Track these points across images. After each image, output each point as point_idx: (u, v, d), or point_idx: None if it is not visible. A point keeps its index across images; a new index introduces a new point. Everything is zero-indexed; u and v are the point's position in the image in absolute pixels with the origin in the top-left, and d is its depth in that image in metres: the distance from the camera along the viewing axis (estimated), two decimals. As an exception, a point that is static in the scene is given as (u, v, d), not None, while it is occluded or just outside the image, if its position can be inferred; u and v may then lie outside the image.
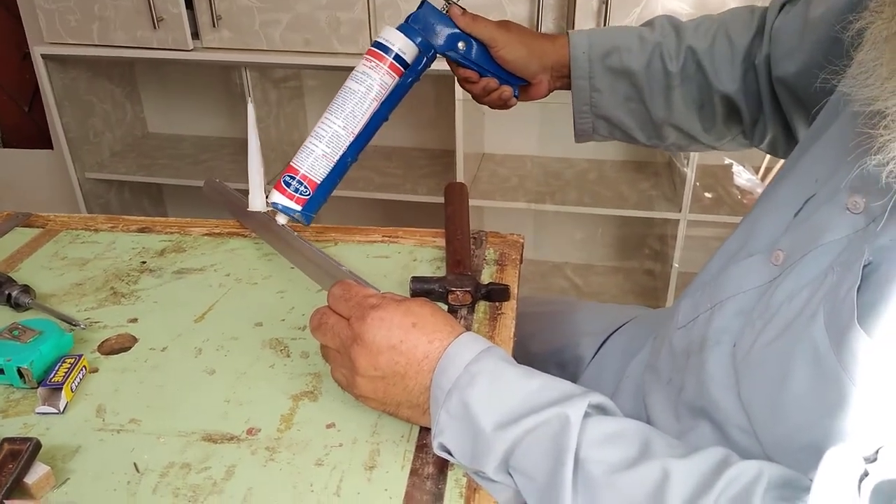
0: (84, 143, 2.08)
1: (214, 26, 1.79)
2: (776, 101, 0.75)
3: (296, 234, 0.80)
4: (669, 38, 0.78)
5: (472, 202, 0.89)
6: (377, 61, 0.75)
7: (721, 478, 0.41)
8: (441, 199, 0.90)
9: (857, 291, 0.42)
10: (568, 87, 0.82)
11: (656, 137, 0.83)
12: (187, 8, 1.78)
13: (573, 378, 0.81)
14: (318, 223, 0.92)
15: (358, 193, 1.95)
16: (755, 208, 0.61)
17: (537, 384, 0.49)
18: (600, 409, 0.49)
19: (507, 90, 0.81)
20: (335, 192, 0.78)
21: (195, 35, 1.83)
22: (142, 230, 0.90)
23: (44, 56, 1.90)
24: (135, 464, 0.55)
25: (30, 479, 0.52)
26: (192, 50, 1.83)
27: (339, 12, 1.72)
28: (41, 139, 2.40)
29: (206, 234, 0.89)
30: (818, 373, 0.44)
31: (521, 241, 0.86)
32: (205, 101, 2.27)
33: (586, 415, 0.46)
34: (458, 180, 1.81)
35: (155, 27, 1.80)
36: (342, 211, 2.30)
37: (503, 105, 0.83)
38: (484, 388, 0.49)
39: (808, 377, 0.44)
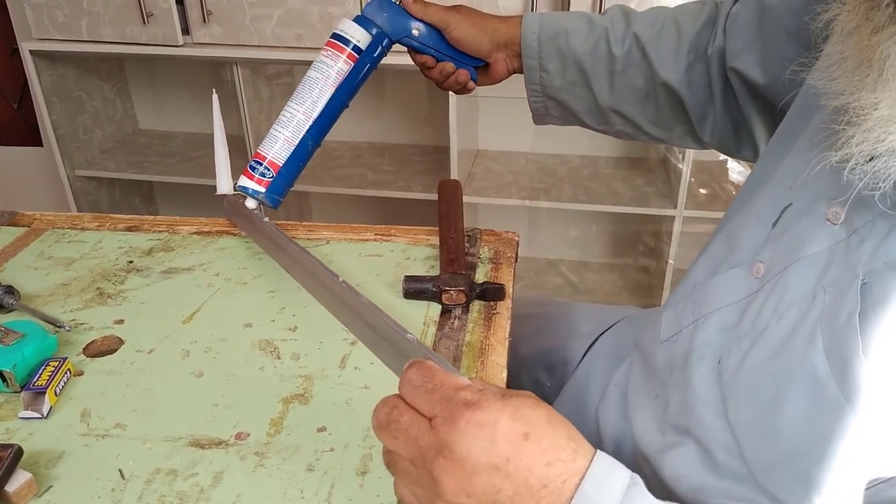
0: (74, 140, 2.06)
1: (205, 21, 1.77)
2: (728, 96, 0.74)
3: (308, 254, 0.71)
4: (618, 23, 0.78)
5: (466, 199, 0.87)
6: (336, 52, 0.79)
7: None
8: (435, 196, 0.88)
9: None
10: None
11: (604, 122, 0.83)
12: (177, 3, 1.76)
13: (560, 382, 0.80)
14: (309, 220, 0.90)
15: (351, 191, 1.93)
16: (734, 218, 0.59)
17: None
18: None
19: (463, 73, 0.83)
20: (328, 190, 0.79)
21: (185, 30, 1.81)
22: (129, 229, 0.88)
23: (32, 52, 1.88)
24: (120, 470, 0.53)
25: (10, 486, 0.50)
26: (182, 45, 1.81)
27: (330, 7, 1.70)
28: (30, 136, 2.37)
29: (196, 233, 0.87)
30: (816, 399, 0.43)
31: (517, 238, 0.85)
32: (196, 97, 2.25)
33: None
34: (452, 177, 1.80)
35: (144, 22, 1.78)
36: (335, 208, 2.28)
37: (463, 89, 0.84)
38: None
39: (804, 403, 0.43)
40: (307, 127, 0.80)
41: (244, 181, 0.81)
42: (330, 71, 0.79)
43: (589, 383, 0.75)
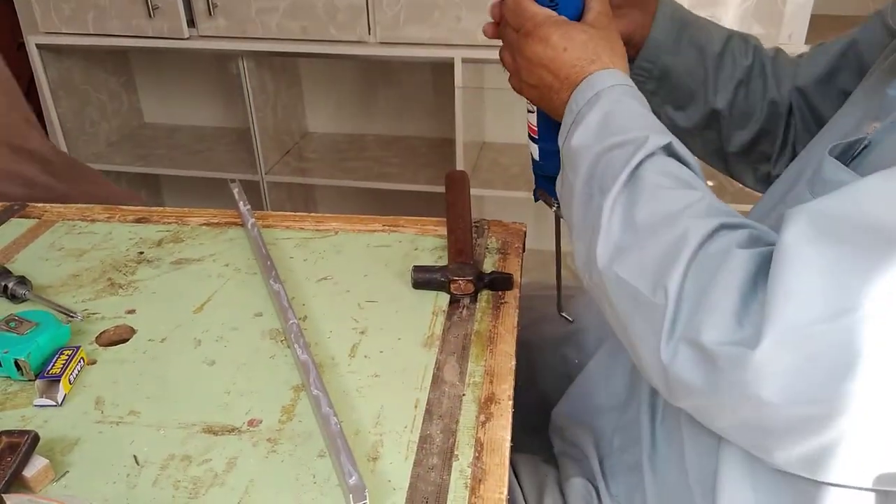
0: (80, 133, 2.07)
1: (210, 14, 1.77)
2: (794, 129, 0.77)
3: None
4: (741, 39, 0.78)
5: (472, 191, 0.88)
6: None
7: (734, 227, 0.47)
8: (441, 189, 0.88)
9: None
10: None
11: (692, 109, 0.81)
12: (183, -4, 1.76)
13: (588, 358, 0.80)
14: (316, 212, 0.91)
15: (356, 183, 1.94)
16: (783, 177, 0.63)
17: (646, 118, 0.57)
18: (677, 156, 0.54)
19: None
20: (334, 182, 0.78)
21: (191, 23, 1.81)
22: (139, 220, 0.89)
23: (38, 45, 1.88)
24: (134, 456, 0.54)
25: (28, 472, 0.51)
26: (187, 38, 1.81)
27: (336, -1, 1.70)
28: (37, 130, 2.37)
29: (205, 224, 0.88)
30: None
31: (524, 229, 0.85)
32: (201, 90, 2.25)
33: (663, 151, 0.53)
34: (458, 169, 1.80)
35: (150, 15, 1.78)
36: (341, 201, 2.29)
37: None
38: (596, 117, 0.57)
39: None
40: None
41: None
42: None
43: (615, 359, 0.74)
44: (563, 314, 0.81)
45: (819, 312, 0.39)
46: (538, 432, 0.79)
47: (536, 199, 0.75)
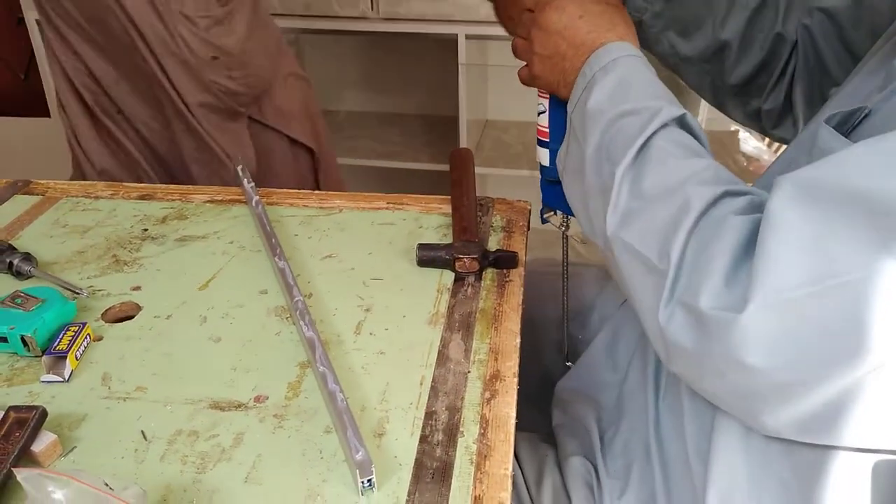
0: (81, 110, 2.05)
1: (212, -10, 1.75)
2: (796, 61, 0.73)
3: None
4: None
5: (475, 169, 0.87)
6: None
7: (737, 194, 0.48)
8: (444, 167, 0.88)
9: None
10: None
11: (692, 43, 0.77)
12: (184, -30, 1.74)
13: (592, 336, 0.80)
14: (320, 190, 0.90)
15: (358, 161, 1.93)
16: (795, 143, 0.62)
17: (661, 88, 0.57)
18: (688, 128, 0.55)
19: None
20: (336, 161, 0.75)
21: None
22: (142, 197, 0.89)
23: (38, 21, 1.87)
24: (142, 431, 0.55)
25: (37, 447, 0.52)
26: (189, 14, 1.79)
27: (338, -25, 1.68)
28: (38, 106, 2.36)
29: (209, 202, 0.88)
30: None
31: (529, 207, 0.85)
32: (203, 67, 2.24)
33: (675, 123, 0.54)
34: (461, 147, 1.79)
35: (151, -9, 1.76)
36: (343, 179, 2.28)
37: None
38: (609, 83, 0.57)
39: None
40: None
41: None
42: None
43: (619, 335, 0.75)
44: (568, 363, 0.80)
45: (801, 278, 0.40)
46: (540, 408, 0.80)
47: (544, 222, 0.74)
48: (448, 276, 0.72)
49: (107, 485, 0.44)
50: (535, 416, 0.77)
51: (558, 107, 0.66)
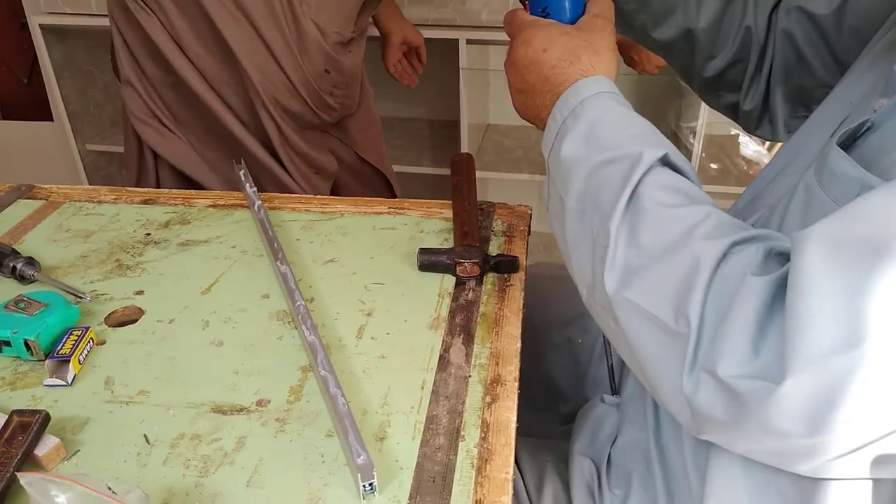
0: (84, 114, 2.06)
1: (214, -5, 1.76)
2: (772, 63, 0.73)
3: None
4: None
5: (476, 174, 0.88)
6: None
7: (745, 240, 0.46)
8: (445, 171, 0.89)
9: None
10: None
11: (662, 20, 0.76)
12: (186, -24, 1.75)
13: (593, 339, 0.80)
14: (321, 195, 0.91)
15: (361, 165, 1.93)
16: (794, 139, 0.62)
17: (637, 128, 0.56)
18: (673, 166, 0.53)
19: None
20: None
21: (194, 4, 1.80)
22: (145, 202, 0.89)
23: (42, 26, 1.87)
24: (145, 435, 0.55)
25: (40, 451, 0.52)
26: (191, 19, 1.80)
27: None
28: (41, 111, 2.37)
29: (211, 206, 0.88)
30: None
31: (529, 211, 0.85)
32: (205, 71, 2.24)
33: (659, 164, 0.52)
34: (462, 152, 1.79)
35: (153, -4, 1.77)
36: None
37: None
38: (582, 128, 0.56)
39: None
40: None
41: None
42: None
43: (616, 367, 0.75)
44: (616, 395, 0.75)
45: (837, 342, 0.38)
46: (541, 411, 0.80)
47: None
48: (449, 281, 0.72)
49: (110, 489, 0.44)
50: (537, 419, 0.78)
51: None
